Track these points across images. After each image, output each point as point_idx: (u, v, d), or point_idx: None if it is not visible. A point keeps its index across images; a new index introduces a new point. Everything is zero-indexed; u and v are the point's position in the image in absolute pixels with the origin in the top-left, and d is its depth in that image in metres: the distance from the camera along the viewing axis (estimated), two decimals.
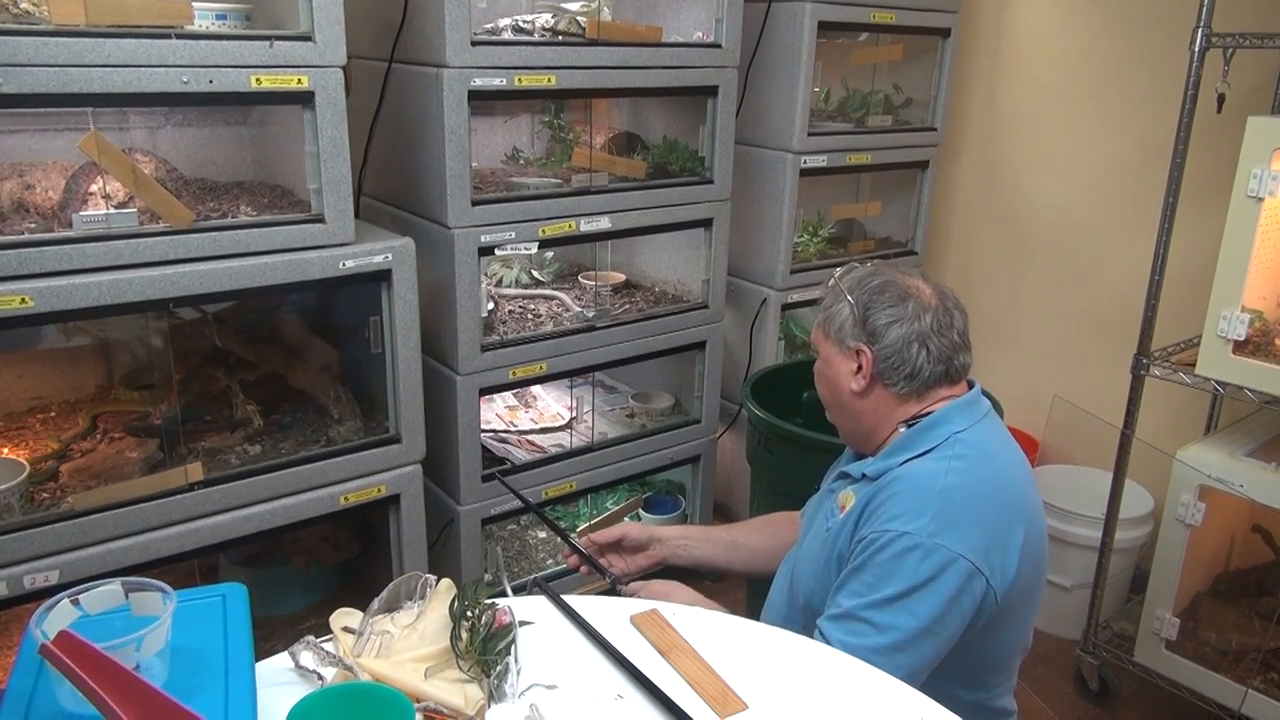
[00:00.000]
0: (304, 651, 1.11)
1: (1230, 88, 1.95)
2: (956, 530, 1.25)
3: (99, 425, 1.90)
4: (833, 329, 1.41)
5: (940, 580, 1.24)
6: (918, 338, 1.35)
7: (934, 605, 1.24)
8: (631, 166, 2.35)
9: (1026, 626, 1.39)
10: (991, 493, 1.30)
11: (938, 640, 1.26)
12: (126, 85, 1.52)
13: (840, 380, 1.41)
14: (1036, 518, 1.34)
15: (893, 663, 1.24)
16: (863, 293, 1.39)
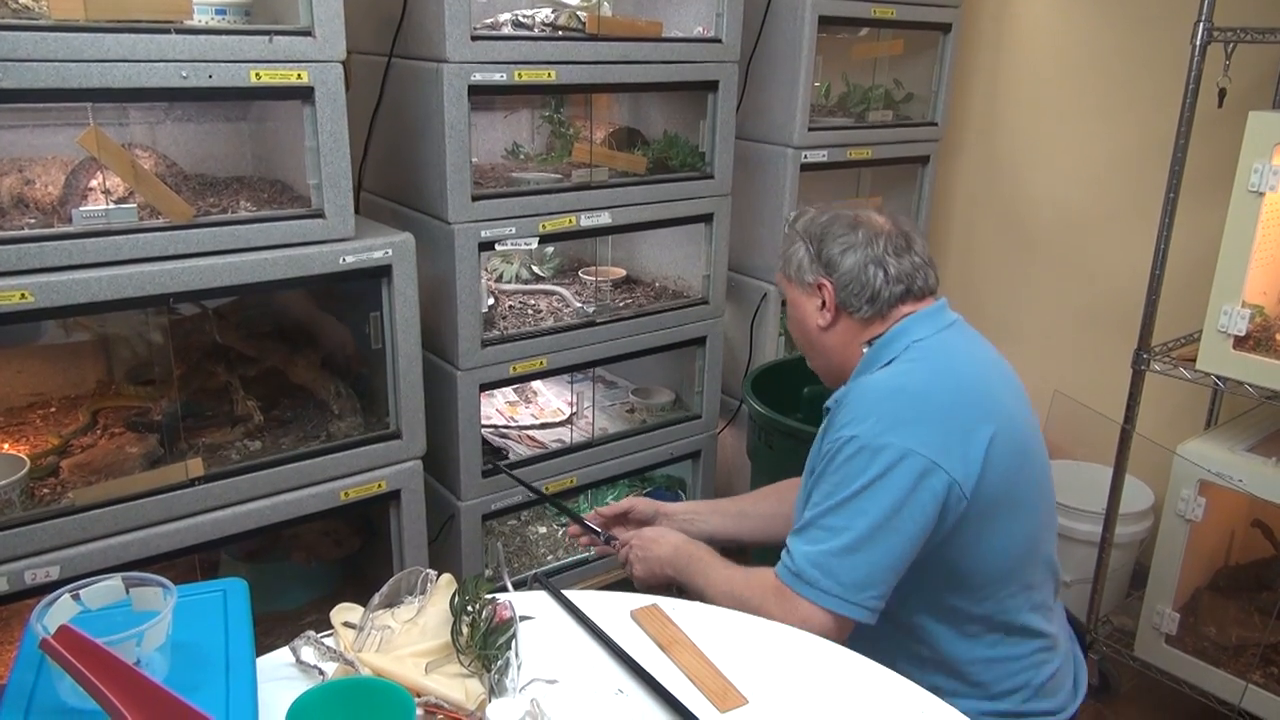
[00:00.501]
0: (305, 646, 1.11)
1: (1231, 82, 1.95)
2: (905, 428, 1.25)
3: (99, 421, 1.90)
4: (792, 270, 1.45)
5: (890, 476, 1.24)
6: (874, 260, 1.38)
7: (886, 500, 1.23)
8: (632, 161, 2.34)
9: (1025, 536, 1.33)
10: (948, 392, 1.30)
11: (899, 537, 1.24)
12: (126, 80, 1.52)
13: (807, 319, 1.45)
14: (1011, 419, 1.31)
15: (852, 564, 1.24)
16: (814, 229, 1.44)
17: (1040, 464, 1.37)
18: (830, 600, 1.25)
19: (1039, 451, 1.38)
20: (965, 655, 1.34)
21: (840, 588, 1.24)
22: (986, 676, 1.34)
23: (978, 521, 1.28)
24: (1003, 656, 1.34)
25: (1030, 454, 1.34)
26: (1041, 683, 1.37)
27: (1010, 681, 1.35)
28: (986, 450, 1.26)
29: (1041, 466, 1.38)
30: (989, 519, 1.29)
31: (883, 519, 1.23)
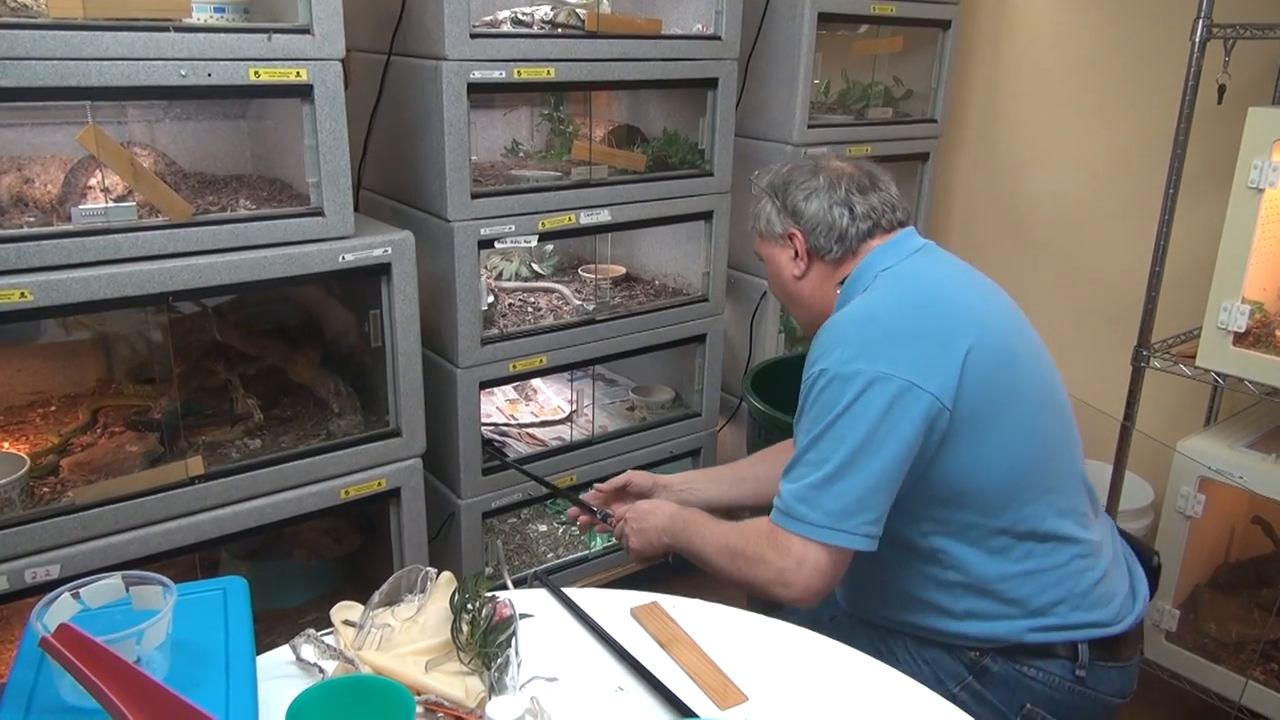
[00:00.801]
0: (305, 644, 1.11)
1: (1231, 79, 1.95)
2: (874, 353, 1.25)
3: (99, 419, 1.90)
4: (762, 225, 1.48)
5: (863, 400, 1.22)
6: (838, 202, 1.40)
7: (862, 425, 1.22)
8: (631, 159, 2.34)
9: (1027, 442, 1.30)
10: (917, 311, 1.30)
11: (881, 460, 1.22)
12: (125, 78, 1.51)
13: (783, 271, 1.47)
14: (991, 330, 1.30)
15: (835, 493, 1.23)
16: (778, 182, 1.46)
17: (1034, 373, 1.34)
18: (819, 531, 1.23)
19: (1032, 360, 1.35)
20: (995, 573, 1.30)
21: (827, 517, 1.23)
22: (1021, 591, 1.30)
23: (968, 432, 1.26)
24: (1035, 569, 1.30)
25: (1018, 362, 1.32)
26: (1085, 591, 1.32)
27: (1049, 594, 1.30)
28: (964, 362, 1.25)
29: (1036, 375, 1.35)
30: (980, 428, 1.26)
31: (861, 444, 1.22)
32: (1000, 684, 1.31)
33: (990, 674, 1.31)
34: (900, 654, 1.36)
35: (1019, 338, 1.36)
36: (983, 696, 1.31)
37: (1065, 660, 1.31)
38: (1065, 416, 1.39)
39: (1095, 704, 1.33)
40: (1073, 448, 1.38)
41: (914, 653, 1.36)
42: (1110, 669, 1.33)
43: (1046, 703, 1.31)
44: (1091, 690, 1.32)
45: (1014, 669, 1.31)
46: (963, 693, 1.31)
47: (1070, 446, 1.38)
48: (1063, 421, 1.38)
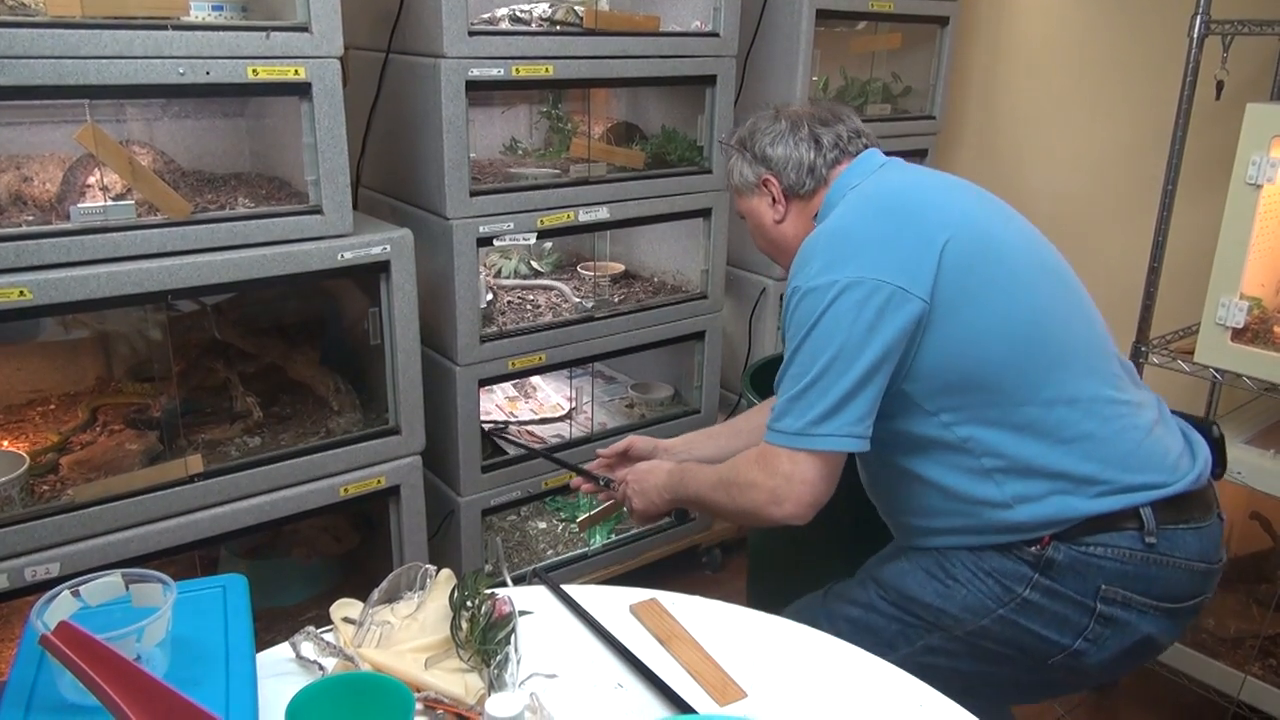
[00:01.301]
0: (304, 642, 1.11)
1: (1229, 75, 1.95)
2: (844, 262, 1.26)
3: (99, 418, 1.90)
4: (736, 180, 1.52)
5: (835, 308, 1.23)
6: (803, 139, 1.44)
7: (837, 333, 1.23)
8: (630, 156, 2.34)
9: (1028, 312, 1.28)
10: (887, 215, 1.31)
11: (860, 363, 1.22)
12: (123, 77, 1.51)
13: (764, 220, 1.50)
14: (971, 222, 1.30)
15: (814, 398, 1.23)
16: (744, 134, 1.51)
17: (1023, 253, 1.33)
18: (801, 440, 1.24)
19: (1021, 243, 1.35)
20: (1031, 449, 1.27)
21: (808, 424, 1.23)
22: (1063, 463, 1.26)
23: (953, 315, 1.25)
24: (1072, 437, 1.27)
25: (1002, 247, 1.31)
26: (1130, 450, 1.28)
27: (1093, 460, 1.26)
28: (941, 255, 1.25)
29: (1027, 255, 1.34)
30: (965, 309, 1.25)
31: (838, 350, 1.22)
32: (1069, 572, 1.26)
33: (1056, 564, 1.26)
34: (960, 574, 1.32)
35: (1003, 225, 1.36)
36: (1055, 591, 1.27)
37: (1131, 530, 1.26)
38: (1073, 292, 1.36)
39: (1176, 571, 1.27)
40: (1087, 321, 1.35)
41: (973, 567, 1.31)
42: (1183, 531, 1.28)
43: (1122, 578, 1.26)
44: (1167, 556, 1.26)
45: (1079, 552, 1.26)
46: (1033, 594, 1.27)
47: (1083, 319, 1.34)
48: (1069, 296, 1.35)
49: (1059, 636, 1.28)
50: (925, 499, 1.35)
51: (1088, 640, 1.27)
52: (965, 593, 1.30)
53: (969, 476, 1.29)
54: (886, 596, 1.39)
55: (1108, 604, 1.26)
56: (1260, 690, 1.99)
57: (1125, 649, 1.29)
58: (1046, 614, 1.26)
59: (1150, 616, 1.28)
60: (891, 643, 1.36)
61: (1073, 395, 1.27)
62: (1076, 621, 1.27)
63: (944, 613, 1.32)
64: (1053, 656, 1.29)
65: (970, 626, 1.31)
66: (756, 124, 1.50)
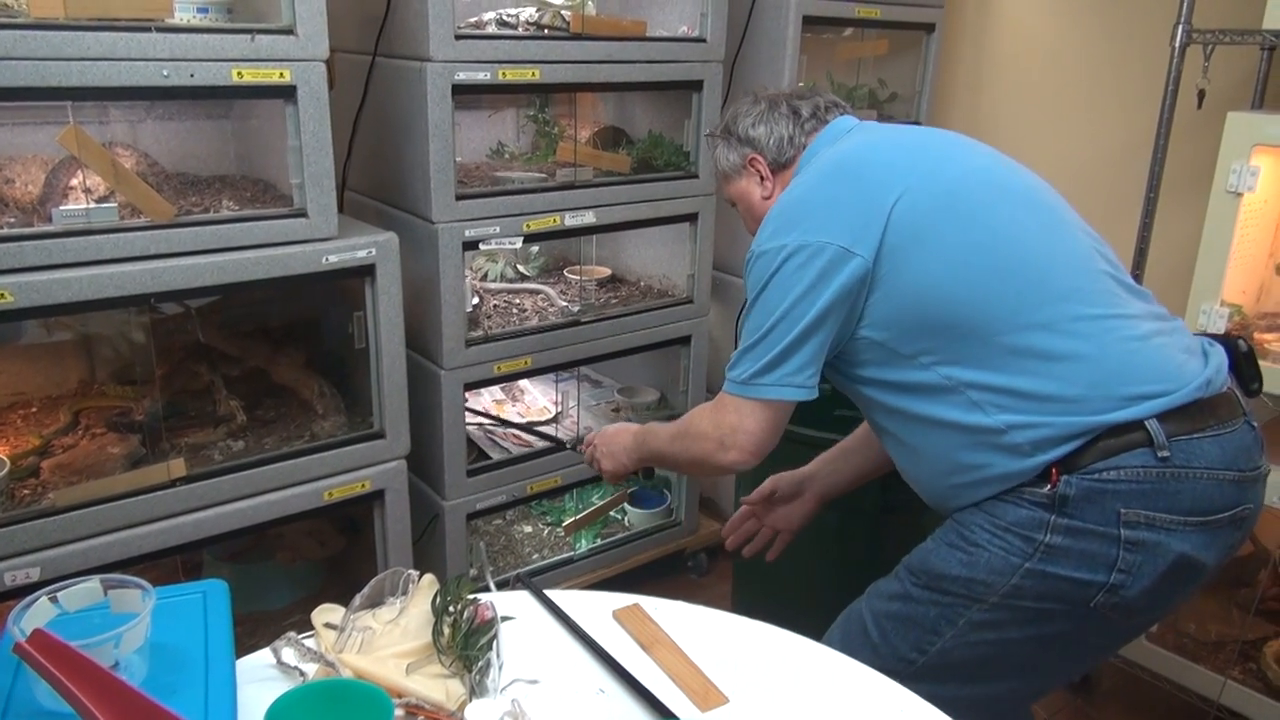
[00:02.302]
0: (285, 648, 1.11)
1: (1210, 83, 1.97)
2: (791, 227, 1.32)
3: (81, 421, 1.89)
4: (723, 165, 1.57)
5: (783, 270, 1.30)
6: (782, 115, 1.50)
7: (785, 293, 1.29)
8: (616, 161, 2.35)
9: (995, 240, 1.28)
10: (837, 181, 1.35)
11: (804, 320, 1.28)
12: (106, 79, 1.51)
13: (754, 199, 1.54)
14: (929, 176, 1.31)
15: (760, 353, 1.31)
16: (724, 122, 1.57)
17: (985, 188, 1.33)
18: (746, 388, 1.32)
19: (983, 177, 1.35)
20: (1019, 377, 1.25)
21: (752, 375, 1.31)
22: (1049, 386, 1.24)
23: (904, 264, 1.27)
24: (1053, 359, 1.25)
25: (960, 190, 1.32)
26: (1119, 363, 1.24)
27: (1082, 377, 1.24)
28: (890, 213, 1.28)
29: (989, 189, 1.33)
30: (919, 250, 1.27)
31: (786, 309, 1.29)
32: (1085, 503, 1.23)
33: (1072, 500, 1.23)
34: (980, 537, 1.30)
35: (963, 166, 1.35)
36: (1075, 528, 1.23)
37: (1142, 449, 1.22)
38: (1050, 214, 1.34)
39: (1199, 483, 1.23)
40: (1067, 242, 1.33)
41: (991, 528, 1.29)
42: (1200, 440, 1.24)
43: (1141, 499, 1.22)
44: (1185, 468, 1.22)
45: (1092, 481, 1.22)
46: (1055, 537, 1.24)
47: (1063, 240, 1.32)
48: (1045, 219, 1.34)
49: (1091, 575, 1.24)
50: (932, 446, 1.33)
51: (1121, 571, 1.23)
52: (988, 555, 1.28)
53: (960, 409, 1.28)
54: (919, 581, 1.36)
55: (1131, 528, 1.22)
56: (1240, 694, 2.01)
57: (1163, 573, 1.24)
58: (1073, 554, 1.23)
59: (1179, 533, 1.23)
60: (935, 627, 1.33)
61: (1049, 319, 1.25)
62: (1105, 554, 1.23)
63: (973, 581, 1.29)
64: (1093, 598, 1.25)
65: (1002, 589, 1.28)
66: (736, 111, 1.55)
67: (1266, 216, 2.00)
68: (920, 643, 1.33)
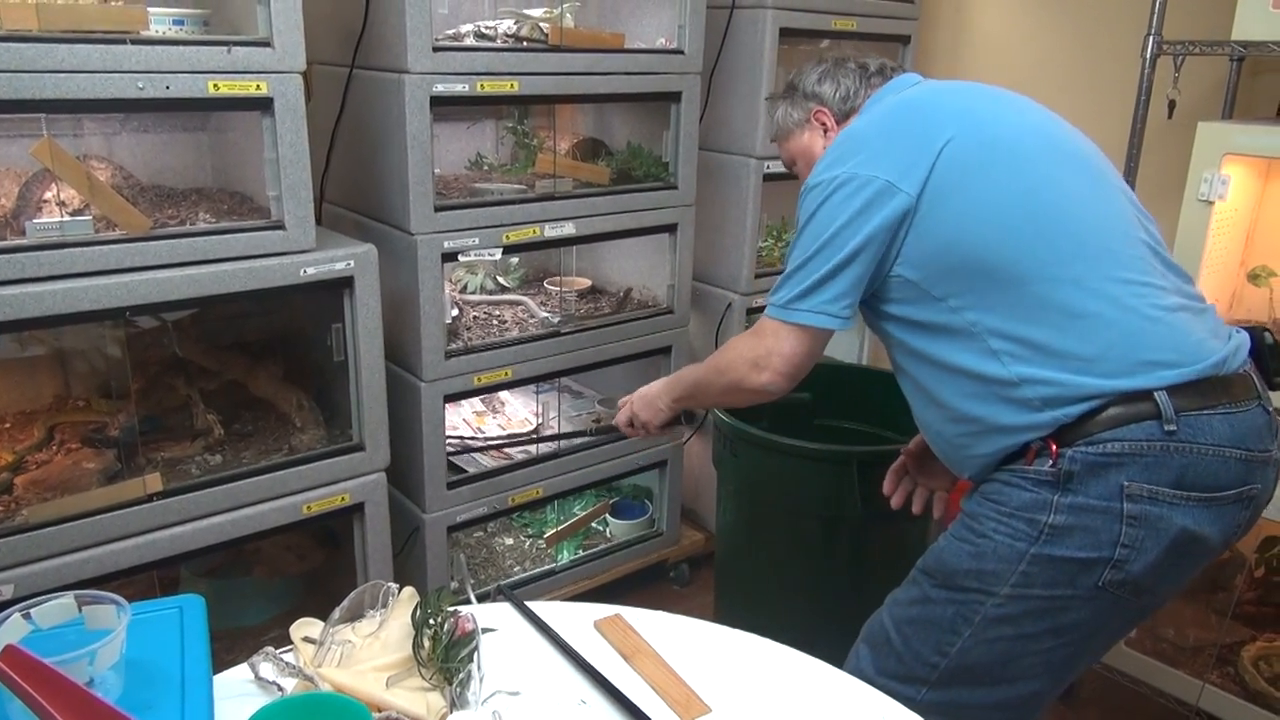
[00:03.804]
0: (264, 663, 1.10)
1: (1181, 94, 2.00)
2: (843, 161, 1.35)
3: (55, 436, 1.87)
4: (786, 124, 1.61)
5: (829, 201, 1.33)
6: (849, 71, 1.55)
7: (830, 222, 1.32)
8: (596, 172, 2.35)
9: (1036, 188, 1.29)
10: (892, 119, 1.39)
11: (846, 249, 1.31)
12: (80, 91, 1.50)
13: (817, 153, 1.55)
14: (980, 123, 1.34)
15: (801, 279, 1.35)
16: (787, 85, 1.61)
17: (1036, 141, 1.35)
18: (783, 311, 1.36)
19: (1035, 131, 1.37)
20: (1041, 328, 1.26)
21: (793, 299, 1.35)
22: (1066, 343, 1.25)
23: (945, 204, 1.29)
24: (1075, 315, 1.25)
25: (1010, 139, 1.33)
26: (1138, 329, 1.25)
27: (1094, 344, 1.24)
28: (939, 153, 1.30)
29: (1040, 143, 1.35)
30: (957, 196, 1.29)
31: (830, 237, 1.32)
32: (1090, 477, 1.23)
33: (1076, 476, 1.23)
34: (987, 527, 1.30)
35: (1016, 120, 1.38)
36: (1079, 505, 1.24)
37: (1149, 420, 1.22)
38: (1098, 180, 1.36)
39: (1204, 459, 1.23)
40: (1110, 207, 1.33)
41: (997, 515, 1.29)
42: (1209, 417, 1.23)
43: (1144, 472, 1.22)
44: (1190, 443, 1.22)
45: (1094, 454, 1.23)
46: (1059, 517, 1.24)
47: (1105, 204, 1.33)
48: (1091, 182, 1.35)
49: (1096, 552, 1.24)
50: (945, 391, 1.34)
51: (1125, 546, 1.23)
52: (994, 544, 1.29)
53: (978, 356, 1.29)
54: (935, 581, 1.36)
55: (1134, 501, 1.22)
56: (1218, 698, 2.02)
57: (1166, 548, 1.23)
58: (1076, 534, 1.24)
59: (1182, 507, 1.23)
60: (954, 626, 1.33)
61: (1079, 276, 1.26)
62: (1107, 530, 1.23)
63: (982, 573, 1.30)
64: (1100, 577, 1.25)
65: (1011, 578, 1.28)
66: (799, 70, 1.60)
67: (1237, 225, 2.03)
68: (941, 644, 1.33)
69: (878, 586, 2.11)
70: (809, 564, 2.04)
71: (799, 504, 1.96)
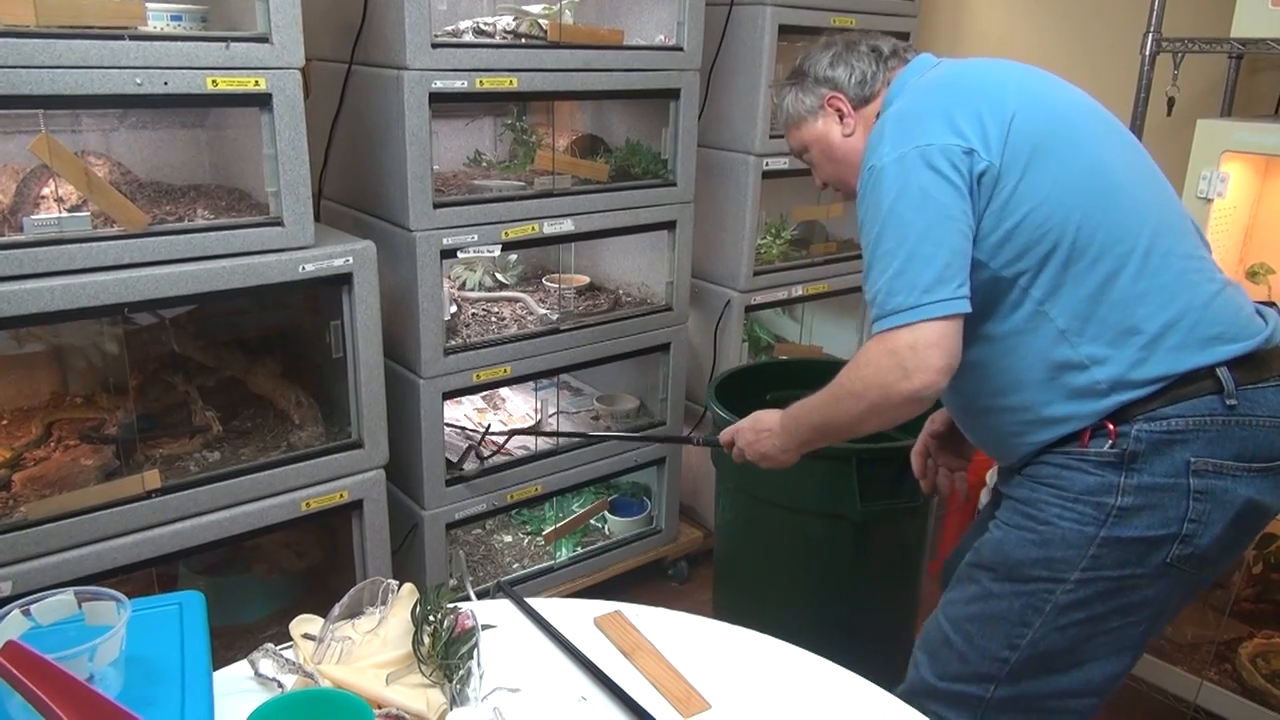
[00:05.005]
0: (263, 659, 1.10)
1: (1180, 91, 2.00)
2: (911, 134, 1.26)
3: (53, 433, 1.86)
4: (798, 112, 1.50)
5: (910, 178, 1.23)
6: (863, 54, 1.45)
7: (919, 201, 1.23)
8: (594, 169, 2.35)
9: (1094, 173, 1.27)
10: (956, 89, 1.31)
11: (949, 225, 1.22)
12: (78, 87, 1.49)
13: (832, 139, 1.48)
14: (1040, 103, 1.30)
15: (919, 270, 1.22)
16: (794, 69, 1.51)
17: (1092, 125, 1.33)
18: (918, 311, 1.21)
19: (1090, 117, 1.34)
20: (1105, 310, 1.25)
21: (921, 294, 1.21)
22: (1137, 315, 1.24)
23: (1022, 176, 1.25)
24: (1145, 289, 1.24)
25: (1068, 119, 1.31)
26: (1203, 301, 1.25)
27: (1165, 312, 1.24)
28: (1010, 124, 1.25)
29: (1095, 126, 1.33)
30: (1033, 168, 1.25)
31: (926, 218, 1.22)
32: (1154, 455, 1.23)
33: (1141, 455, 1.23)
34: (1049, 513, 1.28)
35: (1068, 103, 1.35)
36: (1145, 485, 1.23)
37: (1211, 395, 1.23)
38: (1146, 165, 1.36)
39: (1263, 430, 1.25)
40: (1159, 190, 1.33)
41: (1059, 501, 1.28)
42: (1265, 389, 1.25)
43: (1208, 446, 1.23)
44: (1250, 415, 1.24)
45: (1159, 431, 1.23)
46: (1126, 498, 1.24)
47: (1155, 187, 1.33)
48: (1142, 165, 1.35)
49: (1164, 529, 1.24)
50: (1009, 376, 1.31)
51: (1192, 521, 1.23)
52: (1061, 530, 1.26)
53: (1047, 340, 1.27)
54: (996, 575, 1.32)
55: (1200, 476, 1.23)
56: (1216, 695, 2.03)
57: (1231, 520, 1.25)
58: (1145, 513, 1.24)
59: (1245, 479, 1.24)
60: (1023, 618, 1.30)
61: (1145, 250, 1.25)
62: (1175, 506, 1.23)
63: (1051, 560, 1.27)
64: (1169, 553, 1.25)
65: (1081, 562, 1.26)
66: (808, 56, 1.50)
67: (1236, 222, 2.03)
68: (1010, 638, 1.30)
69: (876, 583, 2.12)
70: (807, 561, 2.04)
71: (798, 501, 1.96)
